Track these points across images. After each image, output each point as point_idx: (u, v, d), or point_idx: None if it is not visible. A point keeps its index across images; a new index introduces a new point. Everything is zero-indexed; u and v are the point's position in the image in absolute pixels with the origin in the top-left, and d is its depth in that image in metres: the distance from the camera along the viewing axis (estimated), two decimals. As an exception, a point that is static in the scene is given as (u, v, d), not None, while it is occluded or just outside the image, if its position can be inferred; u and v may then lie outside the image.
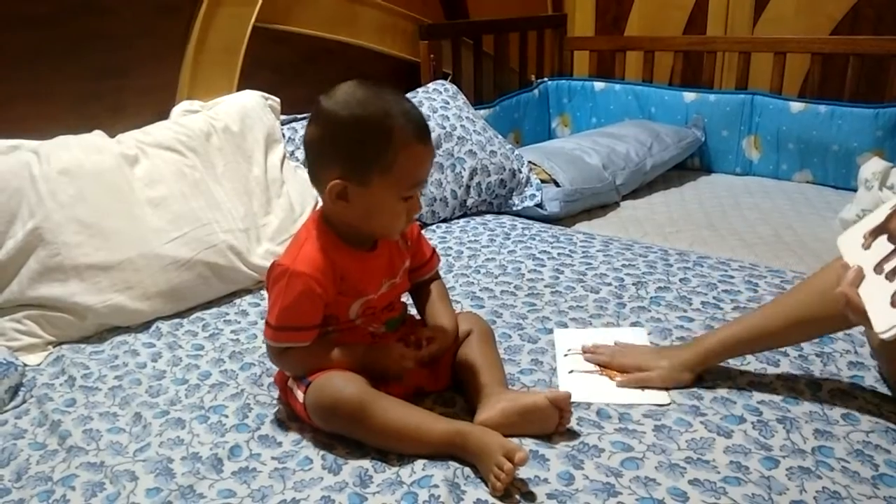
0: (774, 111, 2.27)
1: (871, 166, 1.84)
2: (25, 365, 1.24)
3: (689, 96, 2.45)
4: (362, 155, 0.97)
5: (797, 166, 2.28)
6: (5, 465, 0.99)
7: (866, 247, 0.91)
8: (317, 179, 1.02)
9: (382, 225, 1.03)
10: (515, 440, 0.93)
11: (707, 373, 1.12)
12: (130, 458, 0.98)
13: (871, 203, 1.80)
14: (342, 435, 0.99)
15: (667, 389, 1.07)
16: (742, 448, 0.95)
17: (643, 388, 1.07)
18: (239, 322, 1.38)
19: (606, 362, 1.14)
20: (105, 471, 0.96)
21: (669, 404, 1.04)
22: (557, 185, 2.04)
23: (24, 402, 1.15)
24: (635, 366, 1.10)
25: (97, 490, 0.92)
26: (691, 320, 1.29)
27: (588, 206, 2.08)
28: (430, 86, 2.14)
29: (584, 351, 1.18)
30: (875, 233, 0.91)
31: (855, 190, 1.98)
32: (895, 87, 2.09)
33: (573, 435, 0.99)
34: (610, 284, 1.46)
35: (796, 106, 2.23)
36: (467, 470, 0.92)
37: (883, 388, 1.08)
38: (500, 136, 2.12)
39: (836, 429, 0.99)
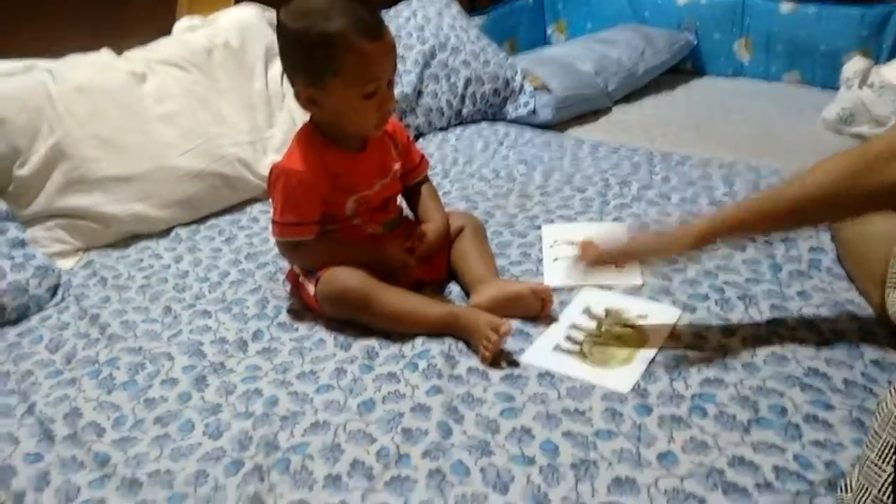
0: (765, 13, 2.29)
1: (853, 65, 1.90)
2: (60, 269, 1.36)
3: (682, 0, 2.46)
4: (313, 63, 1.05)
5: (786, 67, 2.32)
6: (55, 351, 1.13)
7: None
8: (293, 89, 1.11)
9: (355, 123, 1.11)
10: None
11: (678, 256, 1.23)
12: (165, 342, 1.12)
13: (851, 102, 1.87)
14: (350, 321, 1.12)
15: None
16: (704, 322, 1.08)
17: (620, 271, 1.18)
18: (251, 227, 1.49)
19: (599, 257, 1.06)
20: (144, 353, 1.09)
21: (642, 285, 1.17)
22: (550, 91, 2.09)
23: (62, 299, 1.28)
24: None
25: (139, 369, 1.06)
26: (669, 215, 1.40)
27: (580, 111, 2.14)
28: (425, -5, 2.17)
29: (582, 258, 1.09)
30: None
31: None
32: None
33: (555, 318, 1.11)
34: (596, 185, 1.56)
35: (786, 7, 2.25)
36: (461, 345, 1.05)
37: (837, 269, 1.19)
38: (493, 45, 2.16)
39: (790, 304, 1.11)
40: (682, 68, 2.47)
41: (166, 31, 1.75)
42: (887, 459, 0.67)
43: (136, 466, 0.88)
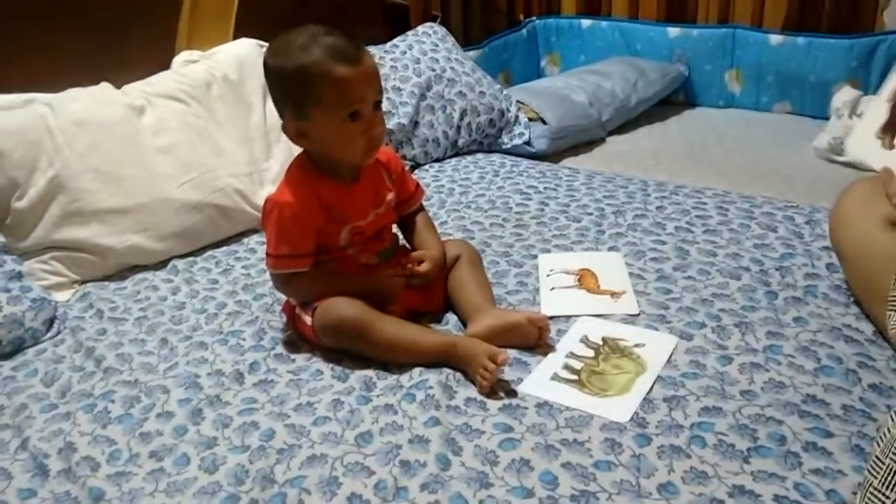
0: (755, 44, 2.33)
1: (843, 96, 1.93)
2: (56, 301, 1.35)
3: (674, 32, 2.50)
4: (295, 95, 1.08)
5: (777, 98, 2.36)
6: (50, 385, 1.12)
7: (889, 147, 0.91)
8: (282, 124, 1.13)
9: (342, 151, 1.12)
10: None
11: (674, 286, 1.24)
12: (161, 375, 1.11)
13: (842, 131, 1.89)
14: (347, 351, 1.11)
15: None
16: (701, 349, 1.07)
17: (616, 300, 1.19)
18: (248, 259, 1.49)
19: None
20: (140, 386, 1.08)
21: (639, 314, 1.17)
22: (545, 122, 2.12)
23: (58, 332, 1.27)
24: None
25: (134, 402, 1.05)
26: (664, 243, 1.40)
27: (575, 142, 2.17)
28: (420, 29, 2.20)
29: None
30: (888, 129, 0.92)
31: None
32: (867, 18, 2.15)
33: (552, 347, 1.11)
34: (591, 214, 1.57)
35: (775, 38, 2.29)
36: (458, 375, 1.05)
37: (833, 294, 1.20)
38: (488, 77, 2.19)
39: (786, 330, 1.11)
40: (675, 99, 2.51)
41: (165, 65, 1.78)
42: (891, 486, 0.67)
43: (131, 502, 0.87)
